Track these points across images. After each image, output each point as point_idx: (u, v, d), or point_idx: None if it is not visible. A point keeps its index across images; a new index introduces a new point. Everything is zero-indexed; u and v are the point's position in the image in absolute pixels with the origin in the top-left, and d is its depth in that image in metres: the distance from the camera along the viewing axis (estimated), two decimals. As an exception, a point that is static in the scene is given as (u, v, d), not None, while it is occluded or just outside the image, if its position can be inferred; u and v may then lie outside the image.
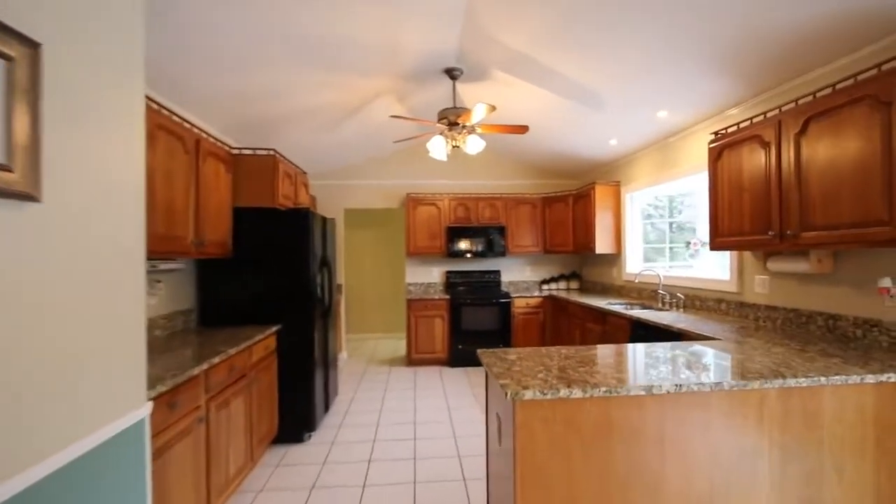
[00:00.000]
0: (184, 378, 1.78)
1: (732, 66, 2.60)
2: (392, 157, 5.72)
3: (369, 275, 7.04)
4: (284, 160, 3.38)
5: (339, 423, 3.44)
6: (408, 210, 5.43)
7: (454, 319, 5.13)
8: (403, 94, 3.76)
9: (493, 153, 5.78)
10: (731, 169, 2.68)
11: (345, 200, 5.69)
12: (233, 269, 3.10)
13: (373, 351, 6.18)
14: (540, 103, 3.74)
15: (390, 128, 4.47)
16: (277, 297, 3.13)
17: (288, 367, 3.12)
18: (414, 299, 5.13)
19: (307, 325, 3.17)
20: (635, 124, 3.74)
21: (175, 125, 2.31)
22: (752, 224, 2.52)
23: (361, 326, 7.02)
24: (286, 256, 3.14)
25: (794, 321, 2.59)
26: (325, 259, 3.56)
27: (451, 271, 5.72)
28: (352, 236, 6.91)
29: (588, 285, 5.64)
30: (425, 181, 5.80)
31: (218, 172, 2.81)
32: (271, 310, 3.12)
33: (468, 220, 5.49)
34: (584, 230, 4.97)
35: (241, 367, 2.42)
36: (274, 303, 3.12)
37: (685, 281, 3.62)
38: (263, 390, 2.78)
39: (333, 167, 5.59)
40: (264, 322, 3.09)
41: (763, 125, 2.43)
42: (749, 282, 2.95)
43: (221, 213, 2.86)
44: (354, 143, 4.84)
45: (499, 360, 1.88)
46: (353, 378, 4.74)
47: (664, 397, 1.54)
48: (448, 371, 4.96)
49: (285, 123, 3.82)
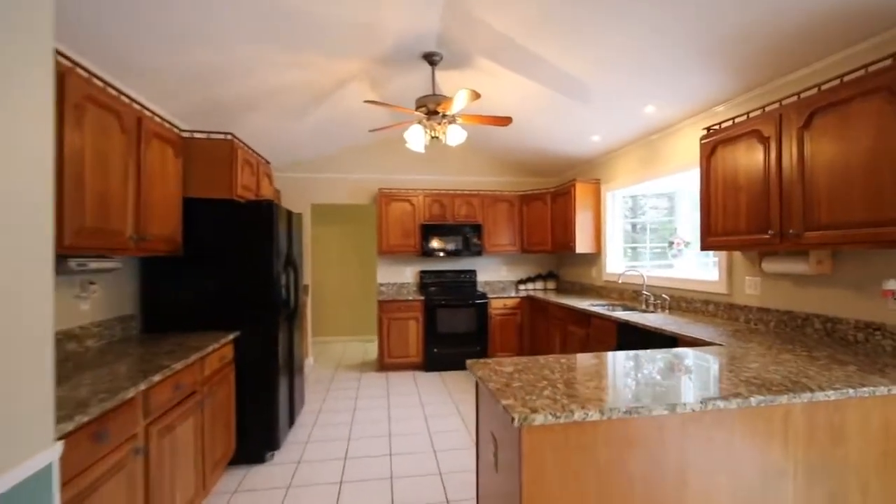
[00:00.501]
0: (114, 403, 1.45)
1: (724, 58, 2.48)
2: (364, 149, 5.41)
3: (337, 274, 6.68)
4: (244, 146, 3.03)
5: (306, 439, 3.12)
6: (380, 206, 5.14)
7: (429, 321, 4.88)
8: (378, 79, 3.48)
9: (470, 148, 5.57)
10: (725, 165, 2.58)
11: (312, 195, 5.32)
12: (183, 268, 2.73)
13: (341, 355, 5.84)
14: (523, 95, 3.55)
15: (363, 116, 4.17)
16: (236, 299, 2.78)
17: (248, 379, 2.78)
18: (386, 300, 4.85)
19: (270, 331, 2.84)
20: (620, 119, 3.62)
21: (110, 98, 1.94)
22: (749, 223, 2.41)
23: (328, 329, 6.65)
24: (247, 254, 2.80)
25: (788, 324, 2.51)
26: (290, 257, 3.23)
27: (425, 271, 5.47)
28: (319, 233, 6.53)
29: (565, 286, 5.53)
30: (399, 176, 5.51)
31: (165, 157, 2.44)
32: (229, 314, 2.77)
33: (443, 217, 5.26)
34: (564, 229, 4.84)
35: (190, 383, 2.08)
36: (232, 306, 2.78)
37: (670, 282, 3.53)
38: (219, 407, 2.44)
39: (300, 159, 5.21)
40: (220, 328, 2.74)
41: (762, 119, 2.33)
42: (739, 283, 2.87)
43: (169, 204, 2.49)
44: (323, 132, 4.49)
45: (494, 372, 1.66)
46: (320, 386, 4.40)
47: (686, 416, 1.36)
48: (423, 376, 4.71)
49: (246, 108, 3.45)
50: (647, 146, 3.90)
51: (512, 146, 5.01)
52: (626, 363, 1.81)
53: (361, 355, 5.81)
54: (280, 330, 2.93)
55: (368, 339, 6.70)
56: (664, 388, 1.47)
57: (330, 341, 6.65)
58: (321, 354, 5.87)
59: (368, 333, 6.74)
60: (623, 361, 1.84)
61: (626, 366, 1.77)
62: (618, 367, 1.76)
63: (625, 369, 1.72)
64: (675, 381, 1.54)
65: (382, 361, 4.85)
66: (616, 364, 1.80)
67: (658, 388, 1.47)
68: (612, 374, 1.65)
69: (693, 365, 1.76)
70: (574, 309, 3.88)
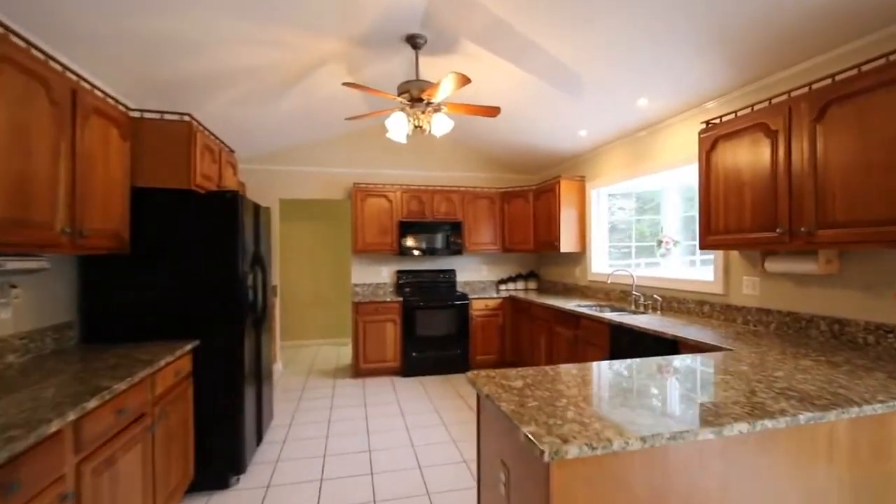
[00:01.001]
0: (29, 442, 1.13)
1: (725, 48, 2.37)
2: (338, 141, 5.08)
3: (309, 274, 6.31)
4: (204, 130, 2.69)
5: (275, 458, 2.81)
6: (355, 202, 4.83)
7: (407, 324, 4.63)
8: (355, 63, 3.19)
9: (450, 143, 5.35)
10: (727, 161, 2.46)
11: (280, 189, 4.95)
12: (133, 268, 2.37)
13: (312, 360, 5.49)
14: (510, 85, 3.36)
15: (338, 104, 3.86)
16: (196, 303, 2.45)
17: (209, 394, 2.45)
18: (362, 302, 4.56)
19: (235, 339, 2.52)
20: (610, 113, 3.49)
21: (34, 62, 1.60)
22: (754, 221, 2.30)
23: (299, 332, 6.27)
24: (207, 252, 2.46)
25: (790, 325, 2.42)
26: (258, 255, 2.90)
27: (402, 271, 5.20)
28: (288, 230, 6.14)
29: (547, 286, 5.40)
30: (375, 170, 5.22)
31: (109, 139, 2.09)
32: (187, 320, 2.43)
33: (422, 214, 5.01)
34: (547, 227, 4.70)
35: (137, 404, 1.76)
36: (191, 311, 2.44)
37: (660, 282, 3.42)
38: (174, 429, 2.11)
39: (267, 150, 4.83)
40: (177, 336, 2.40)
41: (769, 112, 2.22)
42: (736, 283, 2.78)
43: (113, 194, 2.13)
44: (293, 120, 4.15)
45: (502, 388, 1.44)
46: (291, 395, 4.07)
47: (729, 439, 1.19)
48: (402, 382, 4.45)
49: (207, 89, 3.09)
50: (635, 142, 3.79)
51: (494, 141, 4.82)
52: (646, 374, 1.63)
53: (335, 360, 5.48)
54: (246, 336, 2.61)
55: (342, 343, 6.36)
56: (701, 404, 1.29)
57: (301, 345, 6.27)
58: (291, 360, 5.50)
59: (342, 336, 6.41)
60: (642, 372, 1.66)
61: (646, 377, 1.59)
62: (638, 378, 1.57)
63: (647, 381, 1.54)
64: (709, 396, 1.37)
65: (358, 367, 4.56)
66: (636, 375, 1.61)
67: (694, 404, 1.29)
68: (636, 388, 1.46)
69: (718, 375, 1.60)
70: (561, 310, 3.73)
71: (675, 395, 1.39)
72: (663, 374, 1.62)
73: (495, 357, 4.88)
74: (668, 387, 1.47)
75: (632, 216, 4.31)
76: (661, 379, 1.57)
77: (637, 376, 1.60)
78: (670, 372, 1.64)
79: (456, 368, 4.74)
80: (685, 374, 1.62)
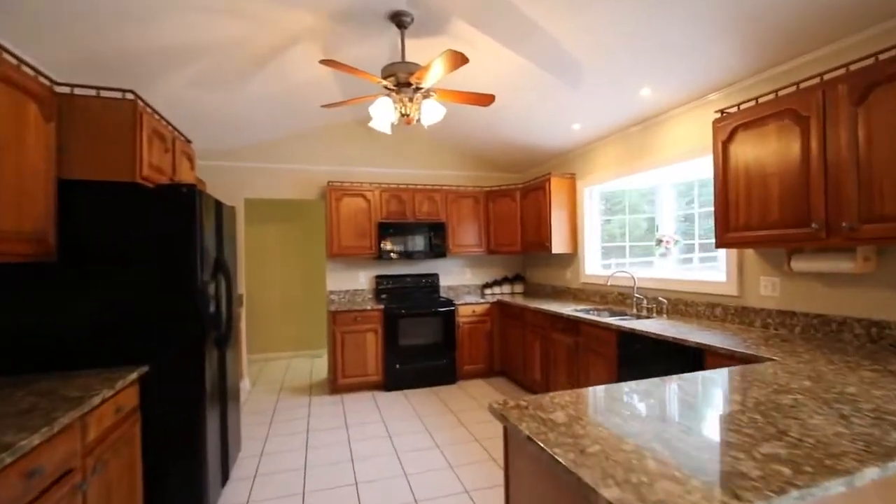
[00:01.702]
0: None
1: (740, 28, 2.18)
2: (310, 135, 4.67)
3: (278, 281, 5.82)
4: (153, 113, 2.26)
5: (244, 500, 2.39)
6: (329, 202, 4.43)
7: (390, 333, 4.27)
8: (333, 42, 2.84)
9: (432, 138, 5.03)
10: (749, 151, 2.27)
11: (246, 188, 4.49)
12: (61, 278, 1.92)
13: (284, 375, 5.02)
14: (503, 72, 3.08)
15: (312, 90, 3.48)
16: (144, 320, 2.02)
17: (162, 430, 2.02)
18: (340, 311, 4.16)
19: (194, 361, 2.10)
20: (609, 105, 3.27)
21: None
22: (782, 215, 2.11)
23: (268, 344, 5.77)
24: (159, 258, 2.04)
25: (819, 328, 2.24)
26: (221, 261, 2.49)
27: (382, 276, 4.83)
28: (256, 234, 5.64)
29: (535, 289, 5.16)
30: (351, 168, 4.84)
31: (24, 117, 1.65)
32: (133, 342, 2.00)
33: (403, 214, 4.67)
34: (536, 228, 4.46)
35: (59, 460, 1.34)
36: (138, 330, 2.01)
37: (664, 283, 3.23)
38: (115, 481, 1.68)
39: (231, 144, 4.36)
40: (120, 362, 1.97)
41: (798, 97, 2.03)
42: (752, 283, 2.60)
43: (31, 186, 1.69)
44: (261, 109, 3.73)
45: (542, 423, 1.15)
46: (260, 418, 3.62)
47: (850, 493, 0.93)
48: (385, 397, 4.08)
49: (159, 67, 2.65)
50: (631, 137, 3.60)
51: (479, 136, 4.54)
52: (704, 396, 1.36)
53: (308, 374, 5.03)
54: (208, 357, 2.20)
55: (316, 354, 5.91)
56: (801, 440, 1.03)
57: (271, 358, 5.77)
58: (260, 375, 5.01)
59: (316, 347, 5.95)
60: (695, 392, 1.39)
61: (706, 400, 1.32)
62: (708, 402, 1.30)
63: (711, 407, 1.27)
64: (802, 428, 1.11)
65: (336, 382, 4.15)
66: (702, 397, 1.34)
67: (792, 441, 1.03)
68: (706, 418, 1.19)
69: (785, 396, 1.36)
70: (559, 315, 3.47)
71: (761, 428, 1.13)
72: (723, 396, 1.36)
73: (484, 366, 4.59)
74: (744, 416, 1.20)
75: (605, 216, 4.13)
76: (726, 403, 1.30)
77: (706, 401, 1.33)
78: (729, 392, 1.39)
79: (442, 380, 4.41)
80: (744, 392, 1.37)
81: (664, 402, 1.31)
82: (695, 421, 1.16)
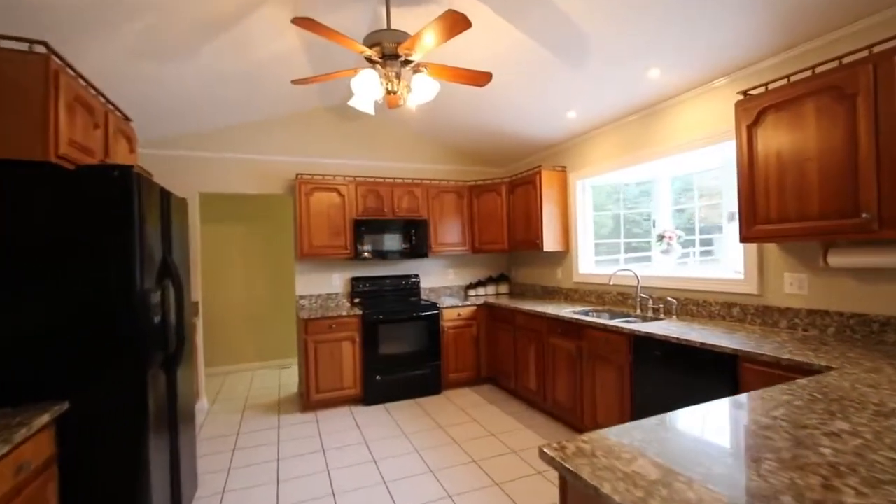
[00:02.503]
0: None
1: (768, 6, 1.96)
2: (276, 121, 4.18)
3: (240, 286, 5.27)
4: (76, 76, 1.78)
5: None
6: (299, 197, 3.98)
7: (369, 342, 3.86)
8: (305, 6, 2.43)
9: (409, 127, 4.66)
10: (782, 135, 2.05)
11: (201, 181, 3.96)
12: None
13: (247, 390, 4.50)
14: (498, 50, 2.77)
15: (279, 65, 3.04)
16: (63, 342, 1.56)
17: (89, 486, 1.57)
18: (312, 318, 3.72)
19: (133, 390, 1.66)
20: (612, 89, 3.01)
21: None
22: (824, 205, 1.89)
23: (228, 356, 5.21)
24: (83, 260, 1.58)
25: (856, 329, 2.05)
26: (168, 264, 2.03)
27: (359, 278, 4.42)
28: (213, 233, 5.08)
29: (522, 289, 4.88)
30: (323, 159, 4.39)
31: None
32: (50, 370, 1.54)
33: (381, 210, 4.27)
34: (525, 224, 4.17)
35: None
36: (56, 355, 1.55)
37: (671, 282, 3.00)
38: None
39: (184, 129, 3.83)
40: (28, 398, 1.50)
41: (842, 72, 1.82)
42: (775, 281, 2.40)
43: None
44: (218, 87, 3.24)
45: (626, 480, 0.82)
46: (221, 445, 3.14)
47: None
48: (365, 413, 3.67)
49: (87, 25, 2.16)
50: (629, 126, 3.37)
51: (462, 125, 4.21)
52: (832, 424, 1.08)
53: (275, 388, 4.54)
54: (151, 384, 1.75)
55: (284, 365, 5.39)
56: None
57: (232, 371, 5.21)
58: (221, 392, 4.47)
59: (284, 357, 5.44)
60: (805, 425, 1.10)
61: (845, 431, 1.04)
62: (841, 435, 1.02)
63: (851, 453, 0.99)
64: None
65: (309, 398, 3.71)
66: (832, 426, 1.05)
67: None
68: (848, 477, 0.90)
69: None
70: (558, 318, 3.19)
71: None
72: (850, 429, 1.08)
73: (470, 374, 4.26)
74: (878, 456, 0.92)
75: (620, 210, 3.92)
76: (852, 436, 1.02)
77: (817, 439, 1.04)
78: (837, 420, 1.11)
79: (427, 390, 4.05)
80: (847, 418, 1.09)
81: (787, 437, 1.01)
82: (834, 477, 0.87)
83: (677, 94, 2.93)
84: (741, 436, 1.05)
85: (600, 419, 2.81)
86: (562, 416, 3.24)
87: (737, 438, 1.05)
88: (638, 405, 2.51)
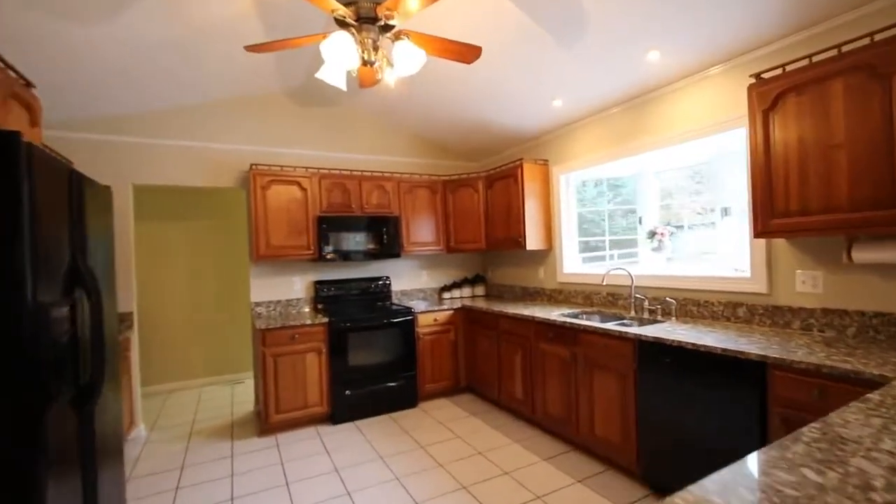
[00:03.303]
0: None
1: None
2: (226, 104, 3.68)
3: (183, 293, 4.67)
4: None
5: None
6: (254, 190, 3.50)
7: (337, 352, 3.46)
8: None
9: (378, 115, 4.28)
10: (803, 120, 1.88)
11: (134, 172, 3.40)
12: None
13: (194, 411, 3.95)
14: (488, 26, 2.47)
15: (229, 31, 2.58)
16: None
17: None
18: (271, 328, 3.27)
19: (21, 439, 1.21)
20: (604, 74, 2.79)
21: None
22: (854, 195, 1.73)
23: (170, 373, 4.60)
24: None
25: (880, 329, 1.91)
26: (77, 268, 1.57)
27: (323, 281, 3.98)
28: (151, 232, 4.47)
29: (500, 290, 4.62)
30: (281, 149, 3.93)
31: None
32: None
33: (348, 206, 3.87)
34: (506, 221, 3.91)
35: None
36: None
37: (668, 281, 2.82)
38: None
39: (111, 109, 3.26)
40: None
41: (875, 50, 1.66)
42: (786, 279, 2.24)
43: None
44: (152, 58, 2.73)
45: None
46: (161, 484, 2.63)
47: None
48: (333, 433, 3.26)
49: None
50: (617, 117, 3.17)
51: (437, 113, 3.88)
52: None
53: (229, 407, 4.01)
54: (51, 428, 1.30)
55: (237, 380, 4.84)
56: None
57: (176, 389, 4.61)
58: (161, 415, 3.89)
59: (236, 371, 4.88)
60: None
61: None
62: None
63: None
64: None
65: (268, 419, 3.25)
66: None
67: None
68: None
69: None
70: (550, 323, 2.94)
71: None
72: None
73: (448, 383, 3.94)
74: None
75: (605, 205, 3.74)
76: None
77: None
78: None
79: (401, 404, 3.69)
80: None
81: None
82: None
83: (676, 80, 2.74)
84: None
85: (598, 432, 2.57)
86: (553, 429, 2.99)
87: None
88: (643, 417, 2.29)
